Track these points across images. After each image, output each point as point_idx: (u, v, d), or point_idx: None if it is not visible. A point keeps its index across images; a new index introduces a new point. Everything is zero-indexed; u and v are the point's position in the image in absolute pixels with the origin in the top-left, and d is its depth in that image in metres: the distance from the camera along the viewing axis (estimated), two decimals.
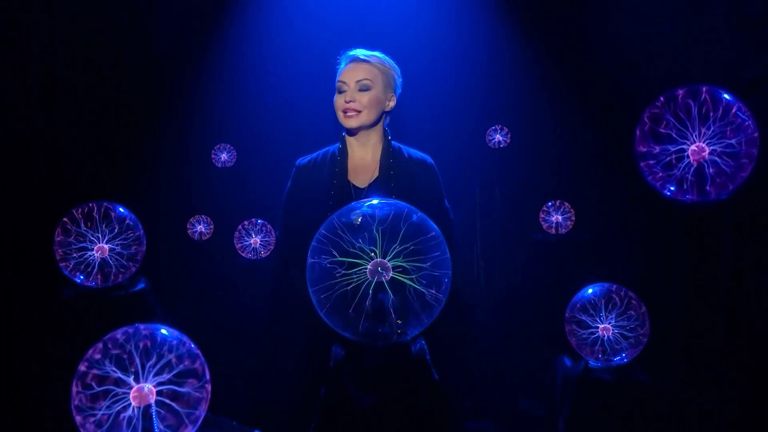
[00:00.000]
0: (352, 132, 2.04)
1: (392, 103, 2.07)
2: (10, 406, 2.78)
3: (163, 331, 1.40)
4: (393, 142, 2.08)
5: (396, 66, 2.10)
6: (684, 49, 2.92)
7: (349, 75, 2.00)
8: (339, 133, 2.13)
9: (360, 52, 2.04)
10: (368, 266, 1.54)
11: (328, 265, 1.56)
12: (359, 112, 1.98)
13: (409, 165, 2.04)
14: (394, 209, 1.59)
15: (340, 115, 2.01)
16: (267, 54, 3.62)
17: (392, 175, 2.00)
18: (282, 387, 3.14)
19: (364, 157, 2.05)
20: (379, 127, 2.06)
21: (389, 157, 2.03)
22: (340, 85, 2.01)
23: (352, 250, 1.55)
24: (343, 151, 2.06)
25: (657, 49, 3.06)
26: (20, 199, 3.06)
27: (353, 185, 2.01)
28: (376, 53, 2.07)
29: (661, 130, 1.97)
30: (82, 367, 1.34)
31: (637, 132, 2.02)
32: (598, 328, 2.20)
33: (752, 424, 2.47)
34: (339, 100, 2.01)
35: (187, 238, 3.61)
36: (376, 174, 2.02)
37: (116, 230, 2.46)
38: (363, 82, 1.98)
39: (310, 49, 3.52)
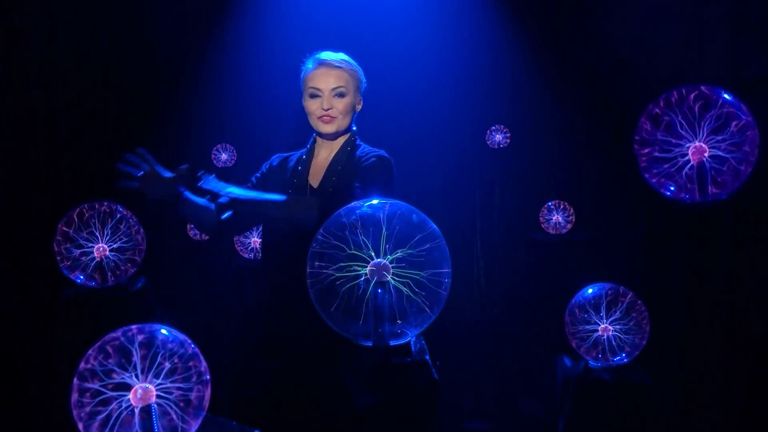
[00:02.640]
0: (328, 136, 2.05)
1: (360, 105, 2.09)
2: (10, 406, 2.78)
3: (163, 331, 1.40)
4: (358, 142, 2.09)
5: (359, 67, 2.10)
6: (684, 49, 2.92)
7: (323, 81, 2.00)
8: None
9: (330, 57, 2.04)
10: (368, 267, 1.55)
11: (327, 266, 1.56)
12: (334, 118, 2.00)
13: (355, 164, 2.03)
14: (395, 209, 1.59)
15: (314, 120, 2.02)
16: (267, 54, 3.62)
17: (338, 171, 2.01)
18: (282, 387, 3.15)
19: (326, 158, 2.07)
20: (346, 130, 2.08)
21: (342, 157, 2.04)
22: (314, 90, 2.01)
23: (351, 250, 1.55)
24: (310, 152, 2.10)
25: (657, 48, 3.06)
26: (20, 199, 3.06)
27: (310, 185, 2.03)
28: (343, 56, 2.07)
29: (661, 130, 1.97)
30: (82, 367, 1.33)
31: (637, 131, 2.02)
32: (598, 328, 2.20)
33: (752, 424, 2.47)
34: (313, 105, 2.01)
35: (187, 238, 3.61)
36: (323, 174, 2.04)
37: (116, 230, 2.46)
38: (338, 90, 1.99)
39: (311, 49, 3.52)
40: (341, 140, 2.08)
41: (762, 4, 2.67)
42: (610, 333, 2.19)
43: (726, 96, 1.93)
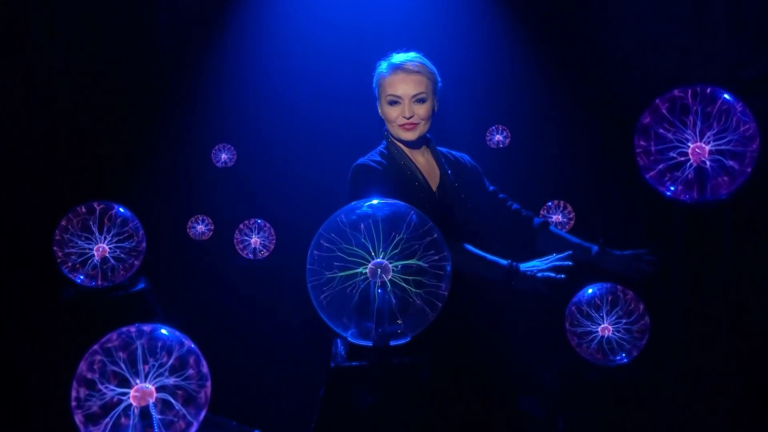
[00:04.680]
0: (411, 144, 2.03)
1: (436, 108, 2.04)
2: (10, 406, 2.77)
3: (163, 331, 1.40)
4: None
5: (434, 67, 2.07)
6: (684, 49, 2.92)
7: (403, 89, 1.94)
8: (341, 131, 2.13)
9: (407, 61, 1.99)
10: (368, 266, 1.55)
11: (328, 266, 1.56)
12: (417, 125, 1.96)
13: (458, 165, 2.09)
14: (394, 209, 1.59)
15: (394, 127, 1.98)
16: (267, 54, 3.62)
17: (451, 176, 2.03)
18: (282, 387, 3.14)
19: (420, 160, 2.06)
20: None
21: (440, 158, 2.06)
22: (393, 98, 1.95)
23: (352, 250, 1.55)
24: (406, 157, 2.03)
25: (657, 48, 3.06)
26: (20, 199, 3.06)
27: (431, 189, 2.00)
28: (419, 58, 2.02)
29: (661, 130, 1.97)
30: (82, 368, 1.33)
31: (637, 132, 2.02)
32: (598, 328, 2.20)
33: (752, 424, 2.47)
34: (393, 113, 1.96)
35: (187, 238, 3.61)
36: (438, 177, 2.03)
37: (116, 230, 2.46)
38: (419, 96, 1.95)
39: (310, 48, 3.52)
40: (425, 142, 2.08)
41: (762, 4, 2.67)
42: (610, 333, 2.19)
43: (726, 96, 1.93)
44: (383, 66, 2.01)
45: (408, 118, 1.94)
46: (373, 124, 2.28)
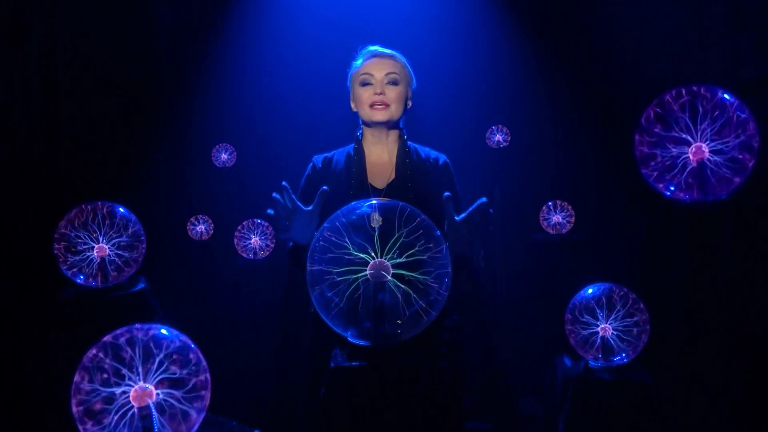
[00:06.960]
0: (380, 126, 1.99)
1: (410, 103, 2.06)
2: (10, 406, 2.78)
3: (163, 331, 1.40)
4: (409, 142, 2.07)
5: (411, 67, 2.09)
6: (684, 49, 2.93)
7: (376, 68, 1.96)
8: (341, 131, 2.12)
9: (382, 48, 2.02)
10: (368, 267, 1.55)
11: (327, 266, 1.56)
12: (388, 105, 1.95)
13: (424, 165, 2.02)
14: (395, 210, 1.59)
15: (365, 109, 1.97)
16: (267, 54, 3.62)
17: (408, 176, 1.98)
18: (282, 387, 3.14)
19: (380, 156, 2.02)
20: (397, 125, 2.04)
21: (405, 158, 2.01)
22: (366, 77, 1.96)
23: (351, 250, 1.55)
24: (360, 152, 2.02)
25: (656, 49, 3.06)
26: (20, 200, 3.06)
27: (372, 186, 1.99)
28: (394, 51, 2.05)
29: (661, 130, 1.97)
30: (82, 368, 1.34)
31: (637, 132, 2.02)
32: (597, 328, 2.20)
33: (752, 424, 2.47)
34: (365, 93, 1.96)
35: (187, 238, 3.61)
36: (393, 175, 2.00)
37: (116, 230, 2.46)
38: (391, 76, 1.95)
39: (310, 48, 3.53)
40: (393, 137, 2.03)
41: (762, 4, 2.67)
42: (610, 333, 2.19)
43: (726, 96, 1.93)
44: (358, 59, 2.03)
45: (379, 94, 1.93)
46: None
